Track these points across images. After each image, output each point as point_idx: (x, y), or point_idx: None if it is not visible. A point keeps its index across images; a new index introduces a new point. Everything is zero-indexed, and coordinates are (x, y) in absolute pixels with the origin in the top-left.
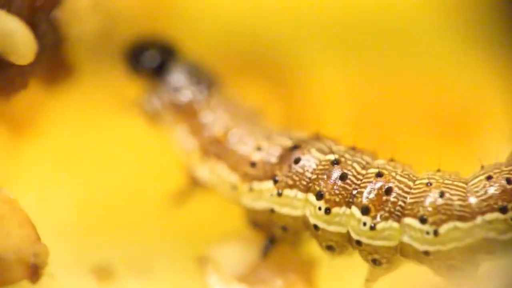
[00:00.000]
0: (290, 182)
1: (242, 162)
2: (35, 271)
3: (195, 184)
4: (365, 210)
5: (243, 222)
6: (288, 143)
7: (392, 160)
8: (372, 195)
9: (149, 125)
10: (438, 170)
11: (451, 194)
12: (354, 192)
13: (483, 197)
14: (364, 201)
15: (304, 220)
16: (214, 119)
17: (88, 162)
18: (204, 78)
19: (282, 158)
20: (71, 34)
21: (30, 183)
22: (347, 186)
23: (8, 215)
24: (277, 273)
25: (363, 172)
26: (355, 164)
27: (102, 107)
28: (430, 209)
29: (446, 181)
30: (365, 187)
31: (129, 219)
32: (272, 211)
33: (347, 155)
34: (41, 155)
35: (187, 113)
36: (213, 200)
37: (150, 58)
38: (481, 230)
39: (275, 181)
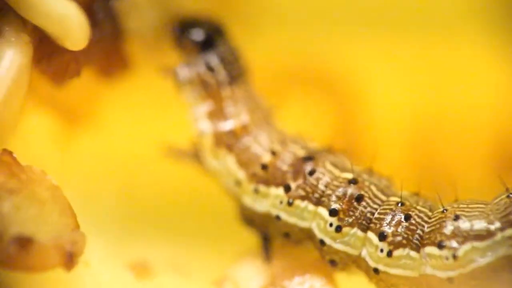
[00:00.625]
0: (303, 193)
1: (253, 162)
2: (70, 259)
3: (197, 160)
4: (382, 236)
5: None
6: (302, 152)
7: (416, 194)
8: (390, 222)
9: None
10: (456, 200)
11: (466, 216)
12: (370, 215)
13: (502, 214)
14: (384, 228)
15: (309, 232)
16: (235, 110)
17: (136, 156)
18: (237, 67)
19: (295, 167)
20: (128, 25)
21: (76, 172)
22: (362, 208)
23: (50, 202)
24: (296, 275)
25: (381, 196)
26: (372, 187)
27: (157, 101)
28: (446, 233)
29: (461, 205)
30: (385, 214)
31: (169, 217)
32: (277, 217)
33: (364, 176)
34: (91, 145)
35: (211, 94)
36: None
37: (197, 31)
38: (501, 247)
39: (287, 189)
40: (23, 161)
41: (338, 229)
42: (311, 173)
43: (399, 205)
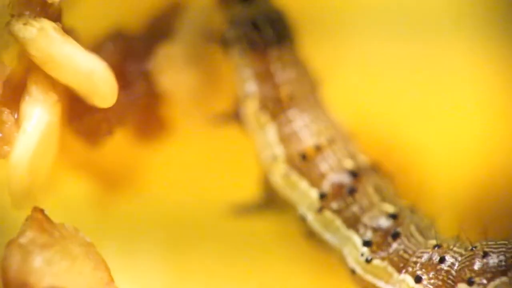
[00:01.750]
0: (336, 207)
1: (293, 143)
2: None
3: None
4: (418, 279)
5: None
6: (348, 163)
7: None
8: (426, 265)
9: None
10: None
11: (494, 253)
12: (403, 253)
13: None
14: (420, 272)
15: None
16: (282, 75)
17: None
18: (283, 27)
19: (335, 178)
20: (162, 85)
21: (113, 233)
22: (397, 246)
23: (82, 257)
24: None
25: (419, 237)
26: (412, 226)
27: (196, 162)
28: (475, 270)
29: (489, 242)
30: (421, 256)
31: (209, 275)
32: (302, 218)
33: (406, 212)
34: (129, 207)
35: (259, 54)
36: None
37: None
38: None
39: (322, 196)
40: (57, 220)
41: (369, 260)
42: (351, 191)
43: (436, 248)
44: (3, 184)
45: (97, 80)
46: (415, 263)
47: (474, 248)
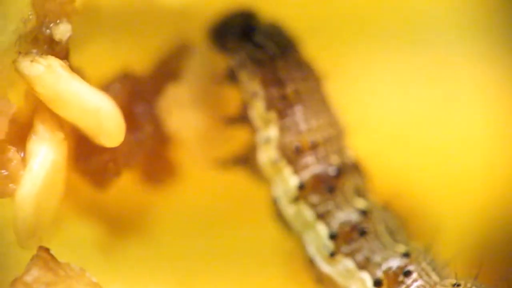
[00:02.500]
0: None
1: (291, 133)
2: None
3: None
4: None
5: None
6: (359, 204)
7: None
8: None
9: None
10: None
11: None
12: None
13: None
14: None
15: None
16: (288, 75)
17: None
18: (283, 37)
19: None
20: (171, 128)
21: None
22: (409, 282)
23: None
24: None
25: (434, 276)
26: (424, 264)
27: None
28: None
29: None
30: None
31: None
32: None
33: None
34: (137, 251)
35: (266, 69)
36: None
37: (233, 29)
38: None
39: (333, 237)
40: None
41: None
42: (330, 189)
43: (455, 286)
44: (8, 222)
45: (104, 118)
46: (379, 265)
47: (457, 285)
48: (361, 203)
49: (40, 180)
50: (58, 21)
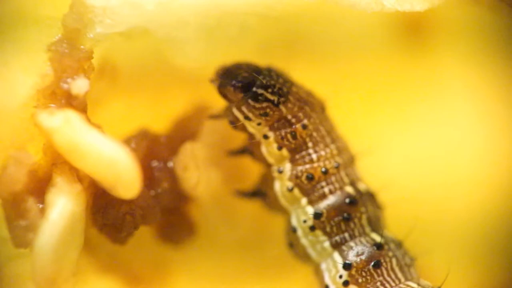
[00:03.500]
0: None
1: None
2: None
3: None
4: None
5: None
6: (349, 189)
7: None
8: None
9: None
10: None
11: None
12: (380, 285)
13: None
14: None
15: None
16: (293, 115)
17: None
18: (283, 83)
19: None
20: (187, 186)
21: None
22: (376, 276)
23: None
24: None
25: (399, 273)
26: (393, 260)
27: (223, 268)
28: None
29: None
30: None
31: None
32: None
33: (391, 245)
34: None
35: (272, 116)
36: None
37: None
38: None
39: (347, 268)
40: None
41: (346, 284)
42: (347, 219)
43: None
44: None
45: (121, 168)
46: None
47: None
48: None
49: (58, 230)
50: (75, 76)
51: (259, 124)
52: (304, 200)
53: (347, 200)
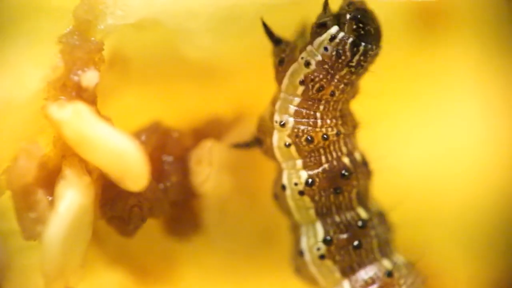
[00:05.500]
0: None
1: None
2: None
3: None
4: None
5: None
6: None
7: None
8: None
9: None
10: None
11: None
12: (356, 266)
13: None
14: None
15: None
16: None
17: None
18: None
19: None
20: (198, 184)
21: None
22: (354, 256)
23: None
24: None
25: (376, 253)
26: (374, 240)
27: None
28: None
29: None
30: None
31: None
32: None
33: (375, 221)
34: None
35: None
36: None
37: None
38: None
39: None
40: None
41: (322, 258)
42: (337, 192)
43: (387, 274)
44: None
45: (129, 161)
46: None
47: None
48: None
49: (67, 222)
50: (85, 68)
51: (325, 48)
52: (299, 162)
53: (342, 172)
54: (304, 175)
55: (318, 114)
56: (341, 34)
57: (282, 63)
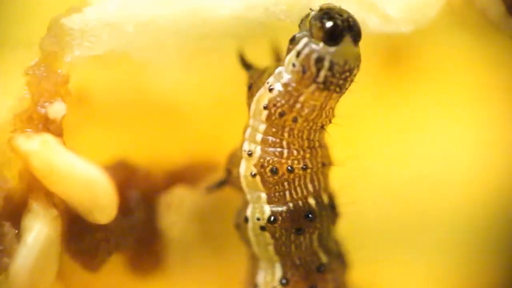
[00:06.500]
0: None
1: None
2: None
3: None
4: None
5: None
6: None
7: None
8: None
9: None
10: None
11: None
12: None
13: None
14: None
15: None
16: None
17: None
18: None
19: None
20: (163, 225)
21: None
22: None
23: None
24: None
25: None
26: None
27: None
28: None
29: None
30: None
31: None
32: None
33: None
34: None
35: None
36: None
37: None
38: None
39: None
40: None
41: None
42: (299, 233)
43: None
44: None
45: (98, 191)
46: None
47: None
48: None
49: (34, 254)
50: (52, 100)
51: (293, 64)
52: (264, 196)
53: (307, 214)
54: (267, 211)
55: (284, 143)
56: (306, 50)
57: (251, 89)
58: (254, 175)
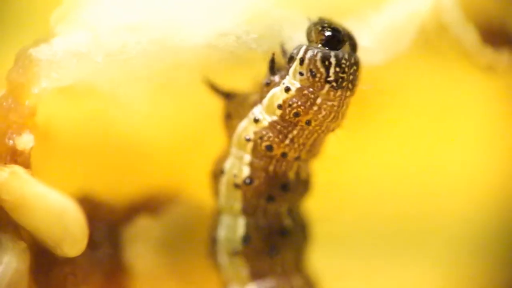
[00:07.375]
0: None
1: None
2: None
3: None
4: None
5: None
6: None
7: None
8: None
9: None
10: None
11: None
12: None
13: None
14: None
15: None
16: None
17: None
18: None
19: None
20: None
21: None
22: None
23: None
24: None
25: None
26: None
27: None
28: None
29: None
30: None
31: None
32: None
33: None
34: None
35: None
36: None
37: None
38: None
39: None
40: None
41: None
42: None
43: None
44: None
45: (69, 221)
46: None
47: None
48: None
49: (2, 287)
50: (20, 132)
51: (300, 73)
52: (247, 158)
53: (283, 185)
54: (246, 171)
55: (290, 135)
56: (309, 54)
57: (229, 117)
58: (248, 140)
